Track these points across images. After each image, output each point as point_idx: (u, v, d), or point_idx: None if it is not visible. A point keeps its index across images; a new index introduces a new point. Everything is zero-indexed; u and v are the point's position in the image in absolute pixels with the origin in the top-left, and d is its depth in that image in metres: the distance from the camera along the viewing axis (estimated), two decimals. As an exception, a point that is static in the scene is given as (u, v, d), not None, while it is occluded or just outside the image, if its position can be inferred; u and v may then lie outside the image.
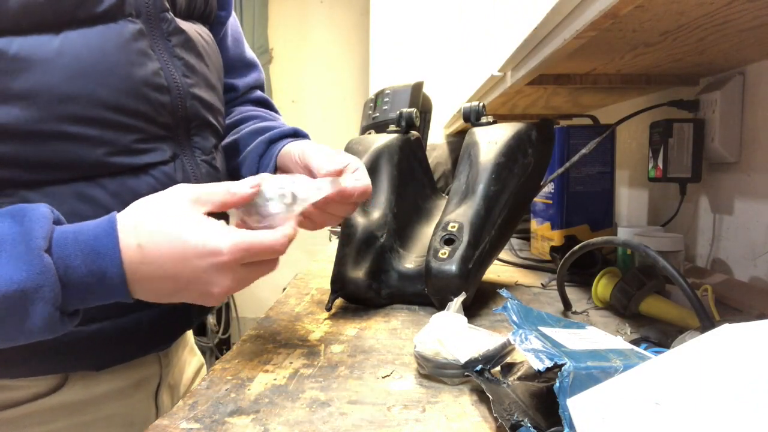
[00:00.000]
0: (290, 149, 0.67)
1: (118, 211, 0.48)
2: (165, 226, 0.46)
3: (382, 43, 2.52)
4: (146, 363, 0.65)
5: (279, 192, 0.52)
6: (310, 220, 0.60)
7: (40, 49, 0.48)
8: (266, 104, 0.84)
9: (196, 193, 0.48)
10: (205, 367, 0.82)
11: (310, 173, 0.61)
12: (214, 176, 0.66)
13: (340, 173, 0.57)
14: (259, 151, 0.71)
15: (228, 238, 0.46)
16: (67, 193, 0.52)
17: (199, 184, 0.50)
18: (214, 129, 0.67)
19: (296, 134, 0.73)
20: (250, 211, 0.52)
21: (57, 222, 0.46)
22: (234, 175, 0.72)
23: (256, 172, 0.70)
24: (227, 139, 0.75)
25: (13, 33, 0.47)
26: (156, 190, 0.53)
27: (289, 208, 0.52)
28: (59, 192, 0.52)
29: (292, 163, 0.66)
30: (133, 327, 0.59)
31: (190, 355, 0.79)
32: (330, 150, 0.63)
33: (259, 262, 0.49)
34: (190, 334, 0.81)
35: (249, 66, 0.83)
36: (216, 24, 0.75)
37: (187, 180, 0.61)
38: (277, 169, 0.69)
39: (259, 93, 0.84)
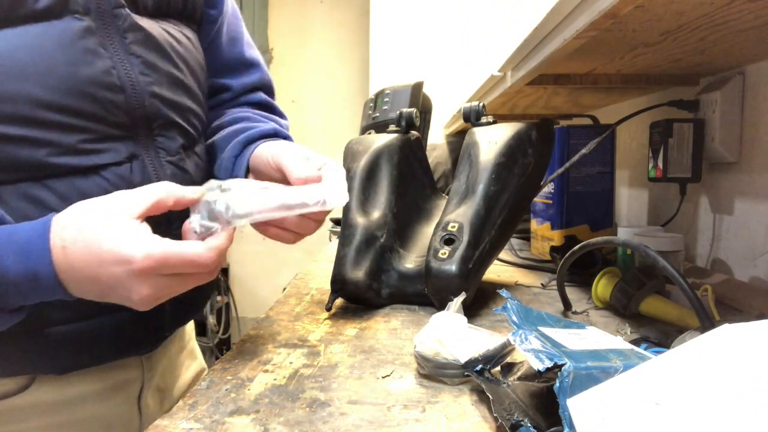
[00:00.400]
0: (263, 151, 0.65)
1: None
2: (87, 231, 0.45)
3: (382, 43, 2.52)
4: (126, 366, 0.64)
5: (208, 207, 0.50)
6: (287, 231, 0.58)
7: None
8: (267, 107, 0.81)
9: (130, 200, 0.47)
10: (206, 372, 0.80)
11: (284, 176, 0.59)
12: (181, 178, 0.62)
13: (319, 179, 0.56)
14: (235, 152, 0.68)
15: (143, 247, 0.45)
16: (14, 193, 0.51)
17: (137, 189, 0.49)
18: (183, 129, 0.64)
19: (276, 134, 0.70)
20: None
21: None
22: (213, 177, 0.69)
23: (231, 174, 0.67)
24: (209, 141, 0.73)
25: None
26: (108, 192, 0.51)
27: (214, 225, 0.50)
28: (5, 192, 0.51)
29: (264, 165, 0.63)
30: (97, 331, 0.58)
31: (188, 359, 0.77)
32: (305, 152, 0.61)
33: (184, 274, 0.48)
34: (189, 337, 0.80)
35: (248, 65, 0.80)
36: (206, 23, 0.72)
37: (147, 181, 0.58)
38: (249, 171, 0.67)
39: (261, 95, 0.81)
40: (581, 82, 0.98)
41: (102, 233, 0.45)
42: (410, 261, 0.81)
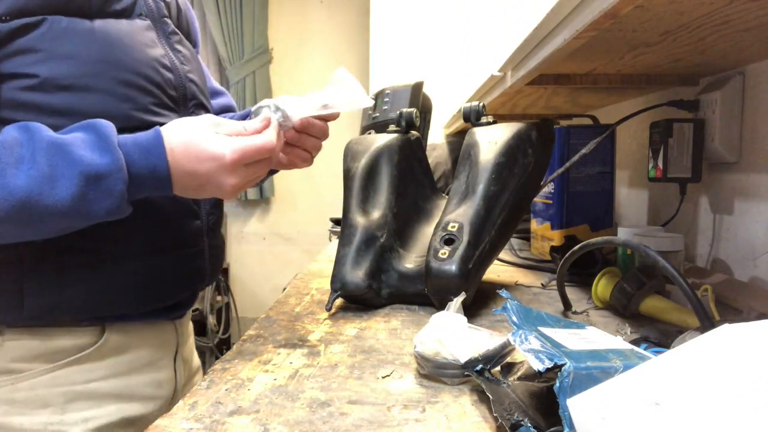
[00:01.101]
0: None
1: None
2: (189, 137, 0.59)
3: (382, 43, 2.52)
4: (165, 329, 0.76)
5: (273, 110, 0.64)
6: (305, 152, 0.72)
7: (79, 27, 0.63)
8: None
9: (218, 120, 0.62)
10: (201, 371, 0.89)
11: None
12: None
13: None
14: None
15: (229, 146, 0.59)
16: None
17: (221, 117, 0.64)
18: (207, 111, 0.80)
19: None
20: None
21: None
22: None
23: None
24: None
25: (62, 13, 0.62)
26: None
27: (281, 123, 0.64)
28: None
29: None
30: (157, 270, 0.70)
31: (192, 353, 0.87)
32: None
33: (257, 162, 0.61)
34: (191, 332, 0.87)
35: (218, 93, 0.97)
36: None
37: None
38: None
39: (231, 115, 0.97)
40: (581, 82, 0.98)
41: (200, 138, 0.59)
42: (410, 261, 0.81)
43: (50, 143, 0.55)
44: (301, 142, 0.71)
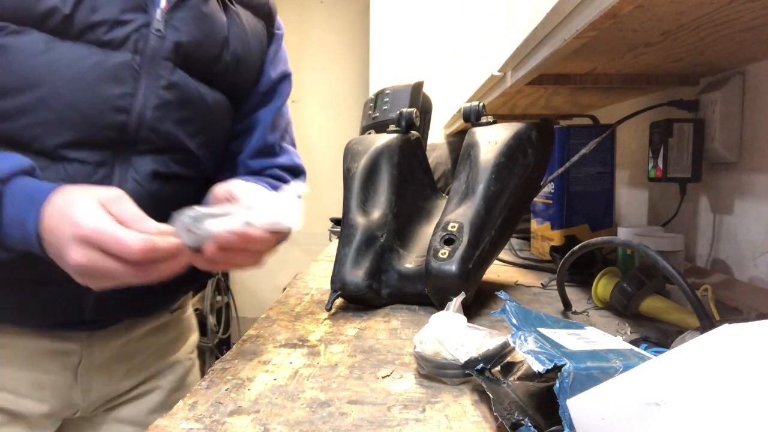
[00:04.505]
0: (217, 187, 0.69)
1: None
2: (63, 202, 0.55)
3: (382, 43, 2.52)
4: (64, 336, 0.75)
5: (184, 225, 0.54)
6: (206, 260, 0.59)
7: (31, 47, 0.62)
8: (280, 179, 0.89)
9: (107, 198, 0.54)
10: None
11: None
12: (137, 196, 0.64)
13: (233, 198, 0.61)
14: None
15: (92, 218, 0.52)
16: None
17: (119, 200, 0.55)
18: (164, 156, 0.72)
19: None
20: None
21: (30, 172, 0.60)
22: None
23: None
24: None
25: (36, 28, 0.62)
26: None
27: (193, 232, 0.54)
28: None
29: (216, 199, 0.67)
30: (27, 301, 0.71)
31: (127, 369, 0.83)
32: (254, 186, 0.65)
33: (111, 255, 0.52)
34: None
35: (269, 153, 0.89)
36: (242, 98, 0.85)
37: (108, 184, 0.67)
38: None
39: (276, 172, 0.90)
40: (581, 82, 0.98)
41: (72, 206, 0.54)
42: (410, 261, 0.81)
43: None
44: (229, 255, 0.58)
